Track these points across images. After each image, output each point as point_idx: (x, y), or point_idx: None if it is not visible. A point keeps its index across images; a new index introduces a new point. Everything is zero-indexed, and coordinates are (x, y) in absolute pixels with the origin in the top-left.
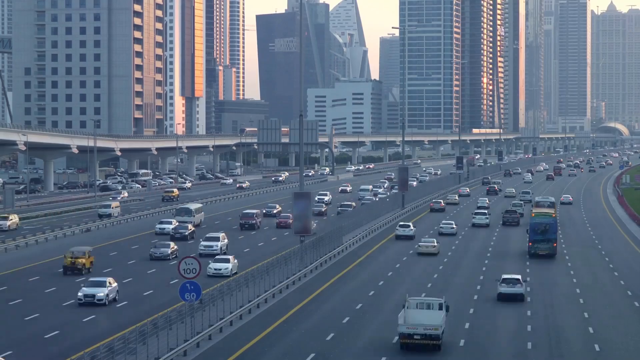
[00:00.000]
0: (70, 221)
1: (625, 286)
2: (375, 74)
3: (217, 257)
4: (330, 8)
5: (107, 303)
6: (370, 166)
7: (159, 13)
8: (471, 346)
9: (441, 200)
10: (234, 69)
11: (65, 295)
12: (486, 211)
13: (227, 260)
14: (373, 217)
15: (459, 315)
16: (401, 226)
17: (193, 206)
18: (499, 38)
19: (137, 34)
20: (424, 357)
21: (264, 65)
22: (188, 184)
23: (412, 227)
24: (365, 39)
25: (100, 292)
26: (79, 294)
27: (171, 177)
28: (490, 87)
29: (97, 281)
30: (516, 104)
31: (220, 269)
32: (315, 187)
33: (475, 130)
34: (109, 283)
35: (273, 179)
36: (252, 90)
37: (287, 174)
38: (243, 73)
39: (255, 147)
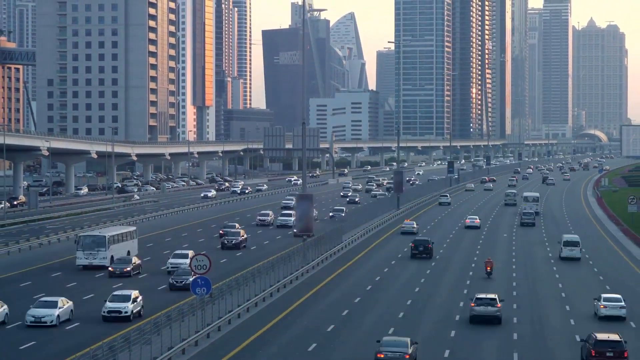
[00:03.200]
0: (90, 221)
1: (604, 281)
2: (372, 85)
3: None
4: (331, 24)
5: None
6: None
7: (172, 28)
8: None
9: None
10: (241, 80)
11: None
12: None
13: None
14: (371, 217)
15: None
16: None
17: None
18: (487, 52)
19: (152, 48)
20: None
21: (270, 77)
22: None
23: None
24: (363, 53)
25: None
26: None
27: (183, 181)
28: (479, 97)
29: None
30: (503, 113)
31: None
32: (316, 190)
33: (463, 143)
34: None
35: (287, 180)
36: (258, 99)
37: (295, 177)
38: (250, 84)
39: (262, 152)
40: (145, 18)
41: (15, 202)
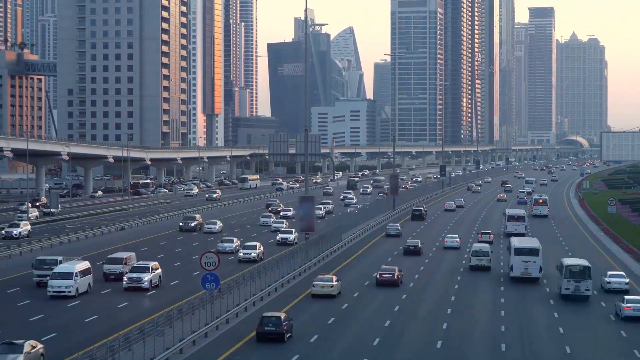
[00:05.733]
0: (107, 221)
1: None
2: (370, 94)
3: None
4: (331, 37)
5: None
6: (366, 172)
7: (184, 41)
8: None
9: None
10: (248, 90)
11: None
12: None
13: None
14: (368, 217)
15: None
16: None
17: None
18: (476, 63)
19: (165, 60)
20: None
21: (274, 87)
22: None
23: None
24: (361, 64)
25: None
26: None
27: (194, 183)
28: (469, 106)
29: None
30: (491, 120)
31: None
32: (317, 192)
33: (455, 148)
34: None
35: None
36: (263, 108)
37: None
38: (256, 93)
39: (267, 157)
40: (158, 32)
41: (37, 204)
